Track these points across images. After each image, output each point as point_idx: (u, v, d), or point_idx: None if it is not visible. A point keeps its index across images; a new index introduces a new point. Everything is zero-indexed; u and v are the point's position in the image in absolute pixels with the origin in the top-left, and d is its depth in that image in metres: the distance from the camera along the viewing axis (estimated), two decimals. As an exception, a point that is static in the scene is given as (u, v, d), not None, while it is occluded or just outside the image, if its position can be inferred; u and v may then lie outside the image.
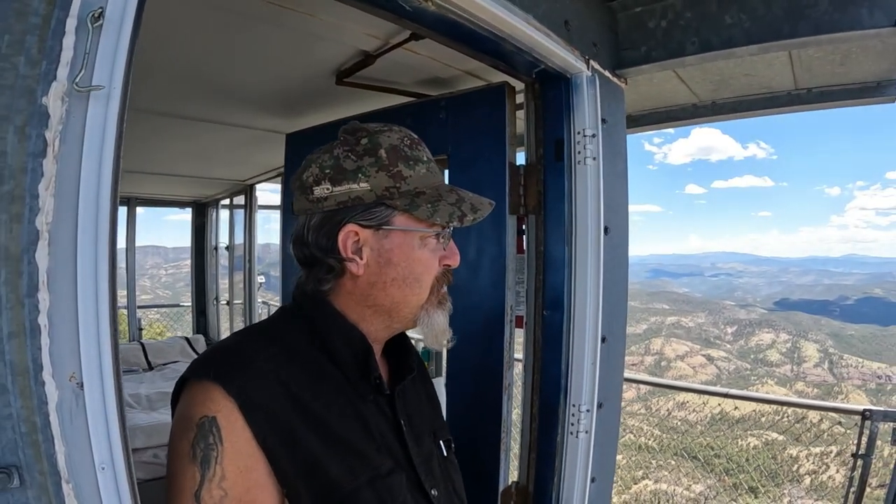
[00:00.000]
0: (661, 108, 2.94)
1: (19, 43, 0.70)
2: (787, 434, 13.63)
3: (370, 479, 1.01)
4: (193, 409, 0.93)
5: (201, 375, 0.96)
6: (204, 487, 0.90)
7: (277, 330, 1.10)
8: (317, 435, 0.97)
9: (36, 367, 0.74)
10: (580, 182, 1.90)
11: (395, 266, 1.07)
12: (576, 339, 1.90)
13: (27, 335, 0.73)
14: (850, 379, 51.46)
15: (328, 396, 1.02)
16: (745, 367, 58.50)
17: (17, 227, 0.71)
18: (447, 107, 2.19)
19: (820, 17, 1.80)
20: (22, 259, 0.72)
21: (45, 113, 0.71)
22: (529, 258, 2.04)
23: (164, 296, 42.84)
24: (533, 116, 2.04)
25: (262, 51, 2.16)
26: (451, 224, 1.09)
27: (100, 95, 0.74)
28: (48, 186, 0.72)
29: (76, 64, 0.72)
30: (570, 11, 1.86)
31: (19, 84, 0.70)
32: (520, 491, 2.04)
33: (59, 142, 0.72)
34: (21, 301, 0.72)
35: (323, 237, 1.06)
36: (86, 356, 0.77)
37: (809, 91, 2.59)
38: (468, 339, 2.02)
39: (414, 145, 1.09)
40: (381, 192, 1.04)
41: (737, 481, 9.71)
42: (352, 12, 1.46)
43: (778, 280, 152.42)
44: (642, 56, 2.12)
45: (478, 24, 1.51)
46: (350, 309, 1.10)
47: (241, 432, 0.92)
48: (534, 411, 2.00)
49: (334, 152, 1.06)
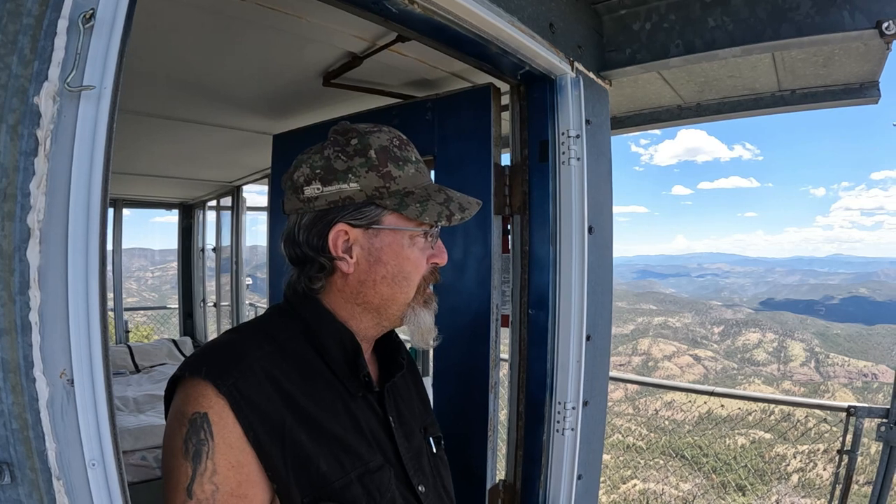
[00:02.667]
0: (646, 109, 2.96)
1: (12, 43, 0.71)
2: (774, 432, 13.76)
3: (360, 474, 1.02)
4: (186, 406, 0.94)
5: (194, 373, 0.97)
6: (195, 482, 0.91)
7: (269, 328, 1.10)
8: (307, 431, 0.99)
9: (27, 363, 0.74)
10: (564, 182, 1.92)
11: (385, 264, 1.09)
12: (561, 337, 1.92)
13: (18, 332, 0.74)
14: (836, 377, 52.01)
15: (319, 393, 1.04)
16: (733, 366, 58.94)
17: (9, 224, 0.72)
18: (433, 108, 2.20)
19: (802, 19, 1.83)
20: (14, 256, 0.73)
21: (36, 112, 0.72)
22: (515, 258, 2.05)
23: (150, 298, 42.49)
24: (518, 117, 2.06)
25: (249, 52, 2.17)
26: (440, 223, 1.10)
27: (91, 95, 0.75)
28: (40, 184, 0.73)
29: (67, 64, 0.73)
30: (555, 14, 1.88)
31: (12, 83, 0.71)
32: (507, 489, 2.06)
33: (50, 141, 0.73)
34: (12, 298, 0.73)
35: (314, 236, 1.08)
36: (76, 353, 0.78)
37: (793, 92, 2.62)
38: (455, 339, 2.03)
39: (403, 146, 1.11)
40: (371, 192, 1.05)
41: (724, 480, 9.80)
42: (339, 14, 1.48)
43: (764, 280, 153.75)
44: (627, 58, 2.15)
45: (464, 26, 1.53)
46: (340, 307, 1.12)
47: (231, 428, 0.93)
48: (520, 409, 2.02)
49: (325, 153, 1.08)
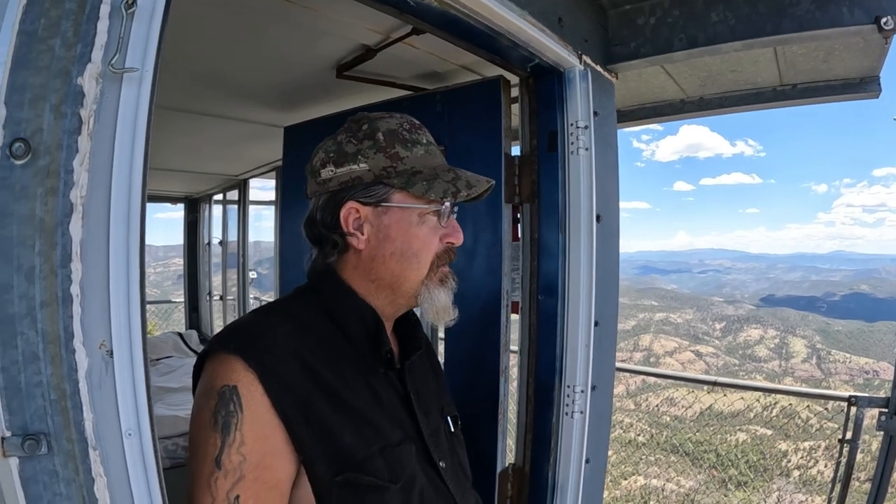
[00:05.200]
0: (650, 103, 2.99)
1: (55, 26, 0.74)
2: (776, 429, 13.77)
3: (382, 448, 1.06)
4: (215, 380, 0.98)
5: (222, 348, 1.01)
6: (224, 452, 0.94)
7: (293, 307, 1.15)
8: (331, 405, 1.02)
9: (67, 335, 0.77)
10: (573, 172, 1.95)
11: (393, 241, 1.13)
12: (570, 322, 1.95)
13: (59, 304, 0.76)
14: (837, 374, 51.98)
15: (342, 369, 1.08)
16: (734, 362, 58.93)
17: (52, 200, 0.75)
18: (443, 100, 2.23)
19: (802, 15, 1.86)
20: (56, 231, 0.75)
21: (80, 92, 0.75)
22: (524, 245, 2.09)
23: (152, 294, 42.50)
24: (527, 109, 2.09)
25: (264, 45, 2.20)
26: (446, 199, 1.14)
27: (133, 77, 0.79)
28: (83, 162, 0.76)
29: (111, 47, 0.77)
30: (563, 9, 1.91)
31: (54, 65, 0.74)
32: (516, 472, 2.09)
33: (93, 120, 0.76)
34: (54, 271, 0.76)
35: (328, 214, 1.13)
36: (116, 324, 0.80)
37: (794, 87, 2.65)
38: (466, 325, 2.06)
39: (413, 129, 1.17)
40: (379, 172, 1.11)
41: (725, 476, 9.82)
42: (355, 7, 1.51)
43: (766, 276, 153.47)
44: (631, 52, 2.18)
45: (476, 19, 1.56)
46: (357, 284, 1.16)
47: (260, 401, 0.96)
48: (529, 393, 2.05)
49: (338, 138, 1.15)
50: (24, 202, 0.73)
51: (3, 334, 0.72)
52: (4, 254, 0.72)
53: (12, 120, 0.71)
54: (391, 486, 1.05)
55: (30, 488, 0.74)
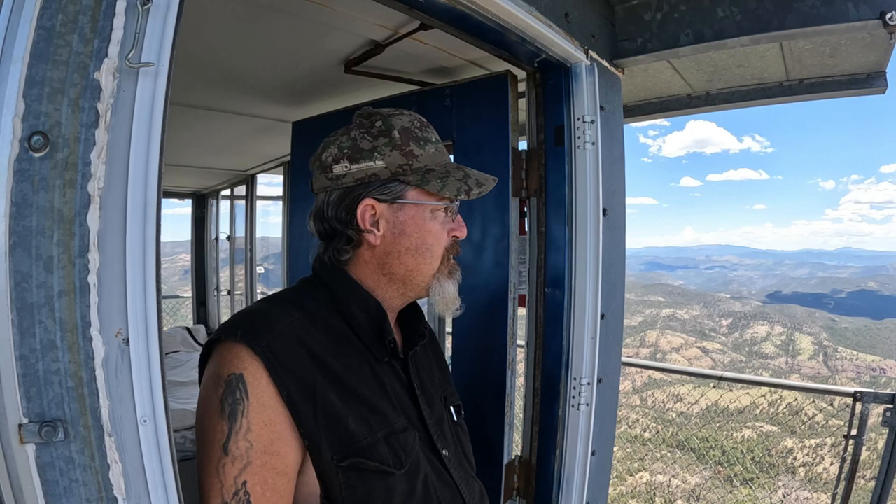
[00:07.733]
0: (656, 98, 2.99)
1: (73, 22, 0.75)
2: (782, 426, 13.74)
3: (386, 434, 1.08)
4: (222, 368, 1.00)
5: (230, 336, 1.03)
6: (231, 439, 0.96)
7: (299, 297, 1.17)
8: (337, 391, 1.05)
9: (84, 323, 0.78)
10: (580, 166, 1.96)
11: (409, 236, 1.15)
12: (576, 315, 1.96)
13: (77, 293, 0.78)
14: (844, 371, 51.77)
15: (347, 357, 1.10)
16: (741, 359, 58.76)
17: (71, 191, 0.76)
18: (451, 95, 2.24)
19: (808, 10, 1.86)
20: (74, 221, 0.77)
21: (97, 87, 0.77)
22: (531, 239, 2.10)
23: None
24: (534, 103, 2.10)
25: (273, 40, 2.21)
26: (459, 197, 1.17)
27: (149, 72, 0.80)
28: (100, 154, 0.78)
29: (127, 42, 0.78)
30: (570, 4, 1.92)
31: (73, 60, 0.76)
32: (523, 464, 2.11)
33: (110, 114, 0.78)
34: (72, 261, 0.77)
35: (342, 211, 1.15)
36: (132, 313, 0.82)
37: (801, 82, 2.64)
38: (473, 317, 2.09)
39: (423, 127, 1.19)
40: (395, 169, 1.13)
41: (731, 473, 9.81)
42: (364, 3, 1.52)
43: (773, 273, 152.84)
44: (638, 47, 2.19)
45: (485, 15, 1.58)
46: (366, 277, 1.18)
47: (266, 388, 0.98)
48: (536, 385, 2.07)
49: (351, 134, 1.15)
50: (42, 194, 0.74)
51: (22, 323, 0.73)
52: (24, 244, 0.74)
53: (31, 113, 0.73)
54: (396, 471, 1.07)
55: (46, 474, 0.75)
